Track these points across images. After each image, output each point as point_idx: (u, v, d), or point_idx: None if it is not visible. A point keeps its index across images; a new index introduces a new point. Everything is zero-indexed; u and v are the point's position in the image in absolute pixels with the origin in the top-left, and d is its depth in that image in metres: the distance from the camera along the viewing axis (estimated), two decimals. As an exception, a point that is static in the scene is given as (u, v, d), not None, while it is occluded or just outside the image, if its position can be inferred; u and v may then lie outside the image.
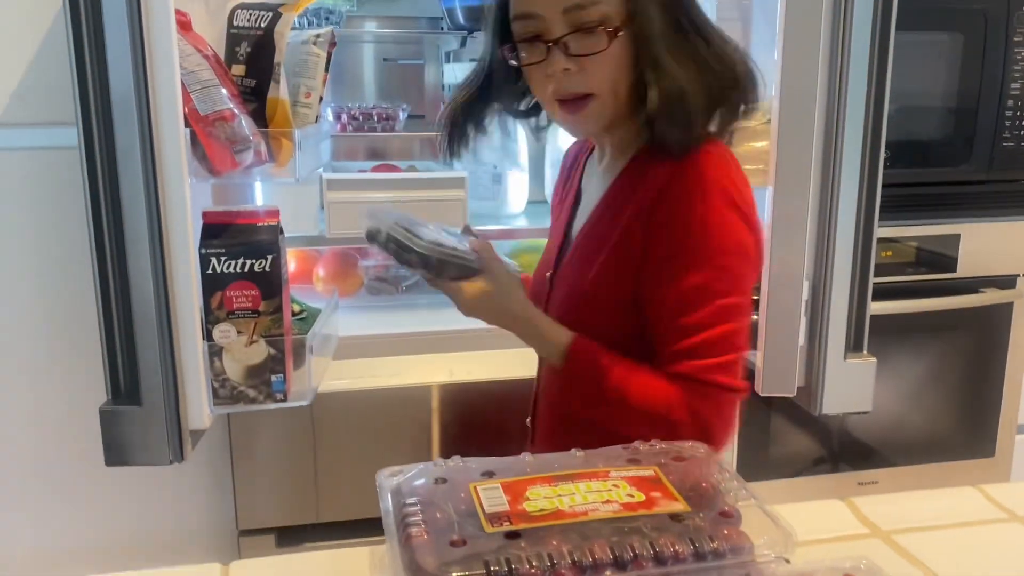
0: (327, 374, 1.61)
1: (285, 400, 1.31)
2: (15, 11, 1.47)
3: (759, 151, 1.43)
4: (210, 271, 1.24)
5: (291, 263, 1.88)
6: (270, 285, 1.26)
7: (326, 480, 1.71)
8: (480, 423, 1.75)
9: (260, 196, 1.84)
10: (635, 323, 1.06)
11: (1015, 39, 1.79)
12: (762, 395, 1.41)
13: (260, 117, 1.34)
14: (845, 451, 1.96)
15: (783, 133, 1.31)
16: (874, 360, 1.38)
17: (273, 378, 1.29)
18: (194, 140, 1.22)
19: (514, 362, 1.50)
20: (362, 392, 1.67)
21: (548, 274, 1.21)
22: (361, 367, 1.70)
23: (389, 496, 0.80)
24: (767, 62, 1.62)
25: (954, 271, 1.87)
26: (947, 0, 1.78)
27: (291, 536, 1.72)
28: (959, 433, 2.00)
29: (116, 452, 1.24)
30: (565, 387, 1.11)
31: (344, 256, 1.88)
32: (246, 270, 1.25)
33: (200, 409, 1.26)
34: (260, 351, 1.28)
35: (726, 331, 0.99)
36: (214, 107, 1.22)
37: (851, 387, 1.41)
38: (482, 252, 1.12)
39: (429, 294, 1.91)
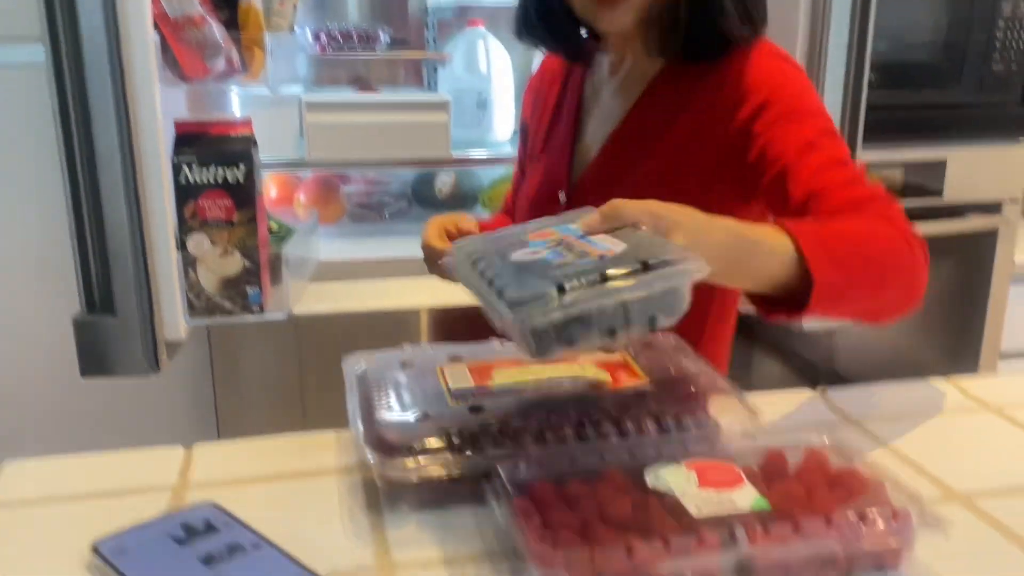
0: (311, 297, 1.60)
1: (262, 312, 1.30)
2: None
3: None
4: (182, 180, 1.22)
5: (272, 189, 1.86)
6: (243, 195, 1.24)
7: (313, 403, 1.71)
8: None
9: (238, 112, 1.82)
10: None
11: (1008, -40, 1.76)
12: (742, 311, 1.40)
13: (232, 26, 1.31)
14: (825, 373, 1.96)
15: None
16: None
17: (249, 290, 1.28)
18: (164, 46, 1.19)
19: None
20: (347, 315, 1.65)
21: (561, 191, 1.17)
22: (345, 290, 1.68)
23: (355, 380, 0.79)
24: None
25: (940, 196, 1.85)
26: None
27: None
28: (941, 359, 2.00)
29: (91, 363, 1.23)
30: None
31: (326, 182, 1.86)
32: (219, 180, 1.23)
33: (176, 320, 1.25)
34: (235, 262, 1.26)
35: (846, 159, 0.90)
36: (183, 10, 1.19)
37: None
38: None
39: (413, 220, 1.90)
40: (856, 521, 0.59)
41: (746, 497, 0.62)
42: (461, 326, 1.73)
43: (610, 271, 0.60)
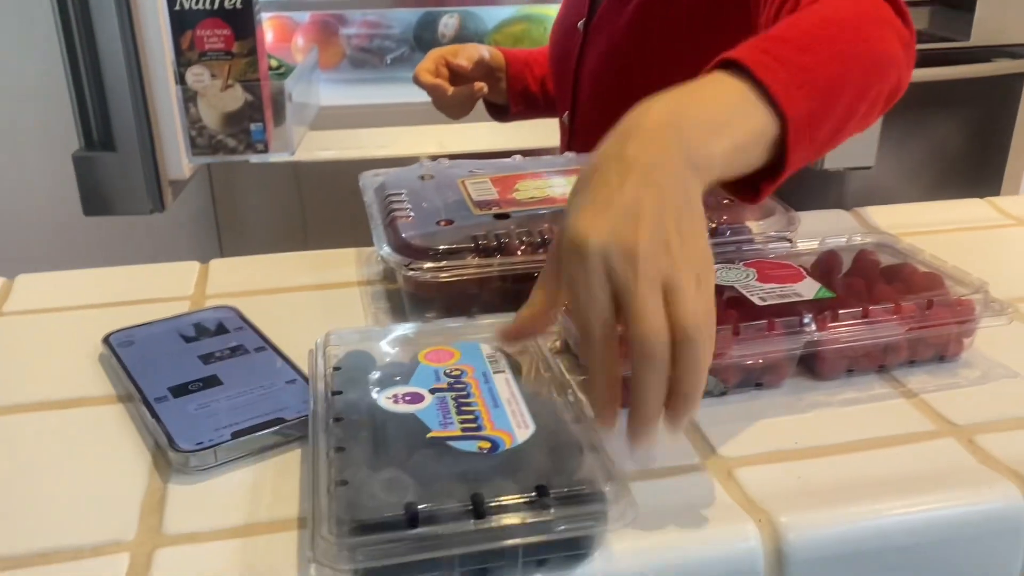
0: (312, 144, 1.55)
1: (266, 151, 1.25)
2: None
3: None
4: (177, 7, 1.15)
5: (268, 33, 1.77)
6: (242, 24, 1.18)
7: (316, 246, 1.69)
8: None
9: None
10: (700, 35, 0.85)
11: None
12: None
13: None
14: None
15: None
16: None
17: (252, 127, 1.23)
18: None
19: (506, 133, 1.43)
20: (350, 162, 1.60)
21: (581, 23, 1.04)
22: (347, 138, 1.63)
23: (372, 191, 0.76)
24: None
25: (967, 39, 1.77)
26: None
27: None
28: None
29: (94, 201, 1.19)
30: None
31: (324, 25, 1.77)
32: (216, 6, 1.16)
33: (178, 157, 1.20)
34: (236, 97, 1.21)
35: None
36: None
37: (854, 142, 1.36)
38: None
39: (416, 66, 1.82)
40: (921, 308, 0.58)
41: (809, 288, 0.60)
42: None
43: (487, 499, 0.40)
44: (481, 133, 1.68)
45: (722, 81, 0.51)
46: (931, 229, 0.84)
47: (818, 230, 0.73)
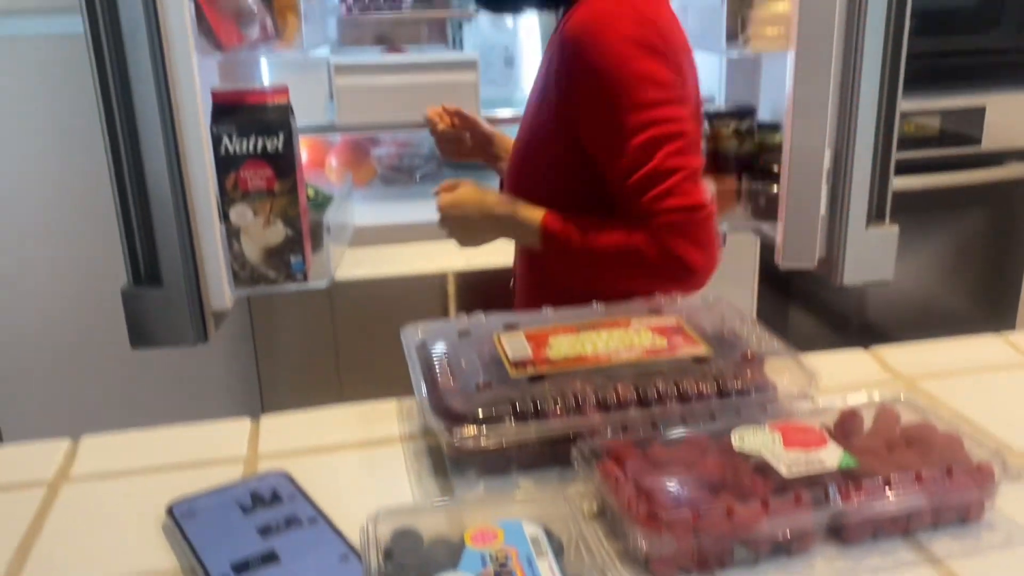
0: (345, 262, 1.62)
1: (305, 280, 1.31)
2: None
3: (780, 15, 1.39)
4: (223, 151, 1.22)
5: (303, 153, 1.85)
6: (284, 164, 1.25)
7: (348, 366, 1.73)
8: (501, 309, 1.75)
9: (267, 77, 1.81)
10: (570, 178, 1.11)
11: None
12: (782, 267, 1.40)
13: (265, -8, 1.30)
14: (866, 328, 1.96)
15: (805, -6, 1.26)
16: (896, 228, 1.36)
17: (292, 259, 1.29)
18: (198, 14, 1.19)
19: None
20: (381, 280, 1.67)
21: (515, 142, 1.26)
22: (378, 255, 1.69)
23: (414, 349, 0.81)
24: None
25: (978, 144, 1.83)
26: None
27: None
28: (980, 307, 2.00)
29: (140, 334, 1.25)
30: (542, 259, 1.13)
31: (356, 145, 1.86)
32: (259, 149, 1.23)
33: (221, 290, 1.26)
34: (277, 232, 1.27)
35: (662, 157, 0.98)
36: (217, -21, 1.19)
37: (873, 256, 1.39)
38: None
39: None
40: (942, 475, 0.61)
41: (833, 456, 0.63)
42: (487, 289, 1.74)
43: None
44: (503, 248, 1.74)
45: (533, 226, 1.08)
46: (948, 371, 0.87)
47: (839, 381, 0.76)
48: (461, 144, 1.49)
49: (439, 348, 0.79)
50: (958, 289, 1.96)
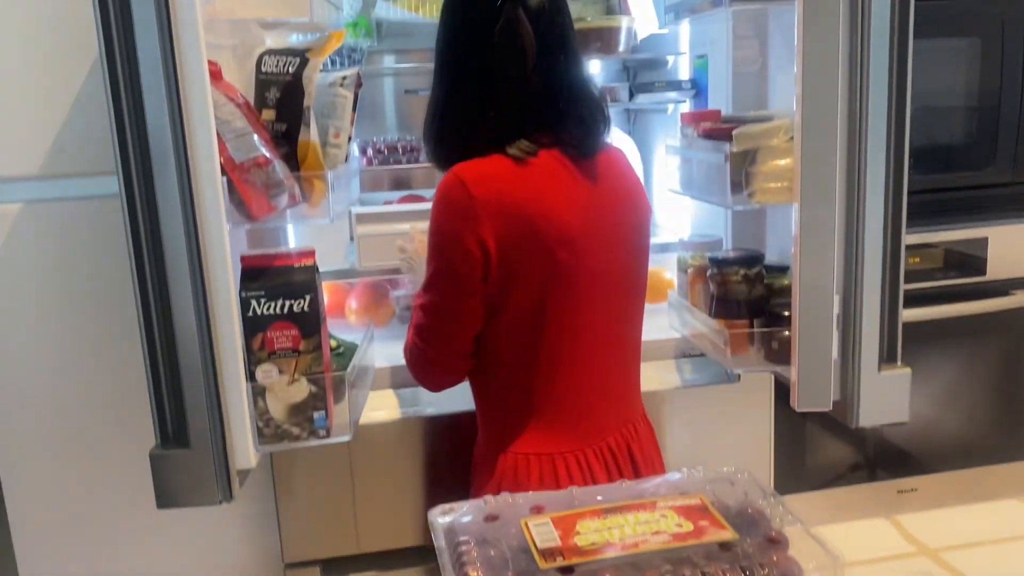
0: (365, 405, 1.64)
1: (328, 436, 1.33)
2: (52, 64, 1.51)
3: (783, 169, 1.45)
4: (251, 313, 1.27)
5: (324, 296, 1.91)
6: (309, 324, 1.29)
7: (365, 511, 1.73)
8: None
9: (291, 231, 1.88)
10: None
11: (1033, 40, 1.79)
12: (798, 410, 1.41)
13: (291, 160, 1.37)
14: (882, 459, 1.96)
15: (806, 149, 1.32)
16: (908, 371, 1.38)
17: (315, 415, 1.32)
18: (230, 187, 1.25)
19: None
20: (398, 422, 1.69)
21: None
22: (396, 397, 1.72)
23: (442, 534, 0.82)
24: (786, 79, 1.64)
25: (983, 274, 1.86)
26: (963, 6, 1.79)
27: (336, 567, 1.74)
28: (996, 436, 1.99)
29: (167, 495, 1.26)
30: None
31: (376, 287, 1.91)
32: (285, 311, 1.28)
33: (246, 449, 1.28)
34: (302, 389, 1.30)
35: (415, 312, 1.33)
36: (249, 154, 1.25)
37: (886, 399, 1.41)
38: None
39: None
40: None
41: None
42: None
43: None
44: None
45: None
46: (972, 541, 0.88)
47: (863, 555, 0.77)
48: None
49: (467, 535, 0.81)
50: (973, 417, 1.96)
